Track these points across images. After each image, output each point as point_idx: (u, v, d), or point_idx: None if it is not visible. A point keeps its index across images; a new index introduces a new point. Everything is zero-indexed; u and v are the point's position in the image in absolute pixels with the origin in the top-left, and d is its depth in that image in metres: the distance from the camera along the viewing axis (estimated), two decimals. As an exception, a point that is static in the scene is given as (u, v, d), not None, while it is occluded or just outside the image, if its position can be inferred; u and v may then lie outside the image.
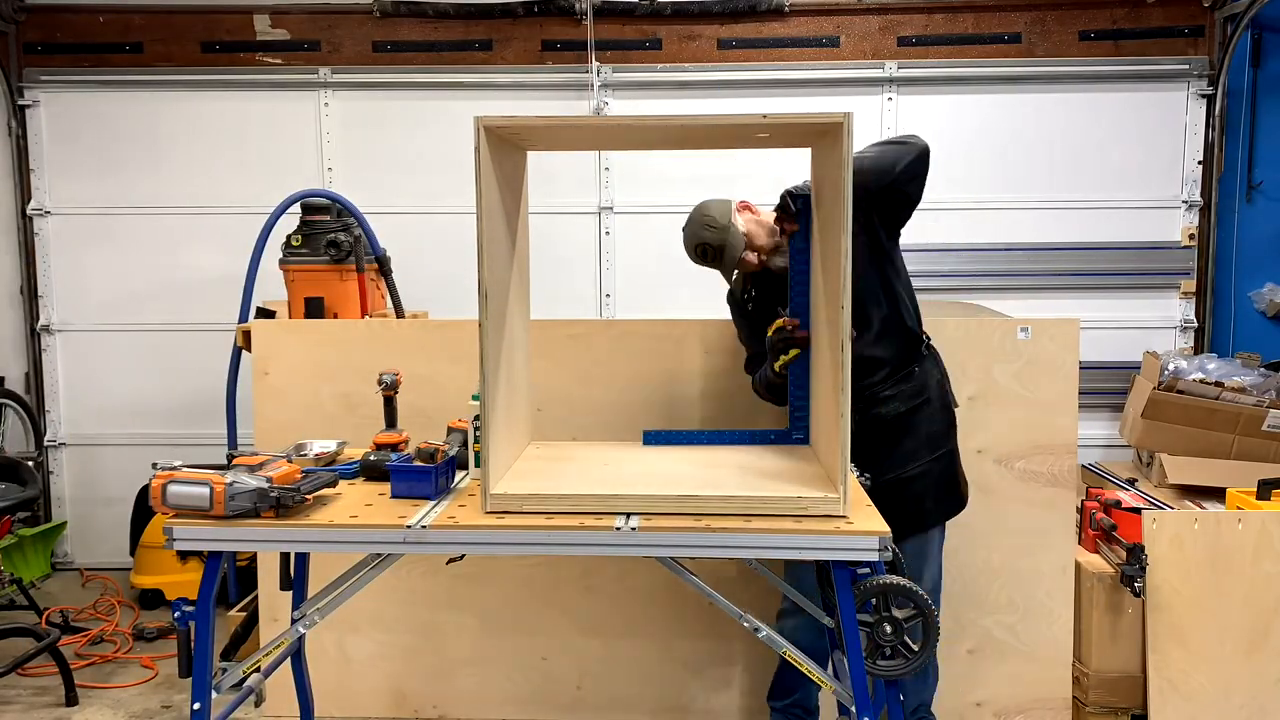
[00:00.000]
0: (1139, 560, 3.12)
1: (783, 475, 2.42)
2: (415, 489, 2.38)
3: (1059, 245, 4.89)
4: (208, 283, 4.99)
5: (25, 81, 5.01)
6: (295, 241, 3.83)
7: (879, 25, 4.89)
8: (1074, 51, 4.85)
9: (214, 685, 2.29)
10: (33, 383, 5.15)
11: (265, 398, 3.40)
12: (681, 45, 4.93)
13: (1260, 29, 4.75)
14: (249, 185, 4.95)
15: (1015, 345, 3.24)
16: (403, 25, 4.95)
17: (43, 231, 5.09)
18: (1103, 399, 4.82)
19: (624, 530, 2.14)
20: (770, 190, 5.02)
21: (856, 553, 2.11)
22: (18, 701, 3.62)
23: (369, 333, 3.45)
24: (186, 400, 5.06)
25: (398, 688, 3.46)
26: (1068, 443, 3.26)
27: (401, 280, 4.08)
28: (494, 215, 2.28)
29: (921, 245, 4.91)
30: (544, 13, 4.89)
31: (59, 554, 5.20)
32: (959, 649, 3.29)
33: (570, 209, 4.94)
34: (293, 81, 4.98)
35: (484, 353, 2.23)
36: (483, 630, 3.42)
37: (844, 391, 2.16)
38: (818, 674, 2.27)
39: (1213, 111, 4.81)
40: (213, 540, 2.22)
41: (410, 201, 4.95)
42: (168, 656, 3.95)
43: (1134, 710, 3.27)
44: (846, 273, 2.14)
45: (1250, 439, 3.92)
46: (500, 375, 2.36)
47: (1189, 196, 4.87)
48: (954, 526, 3.28)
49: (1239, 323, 4.87)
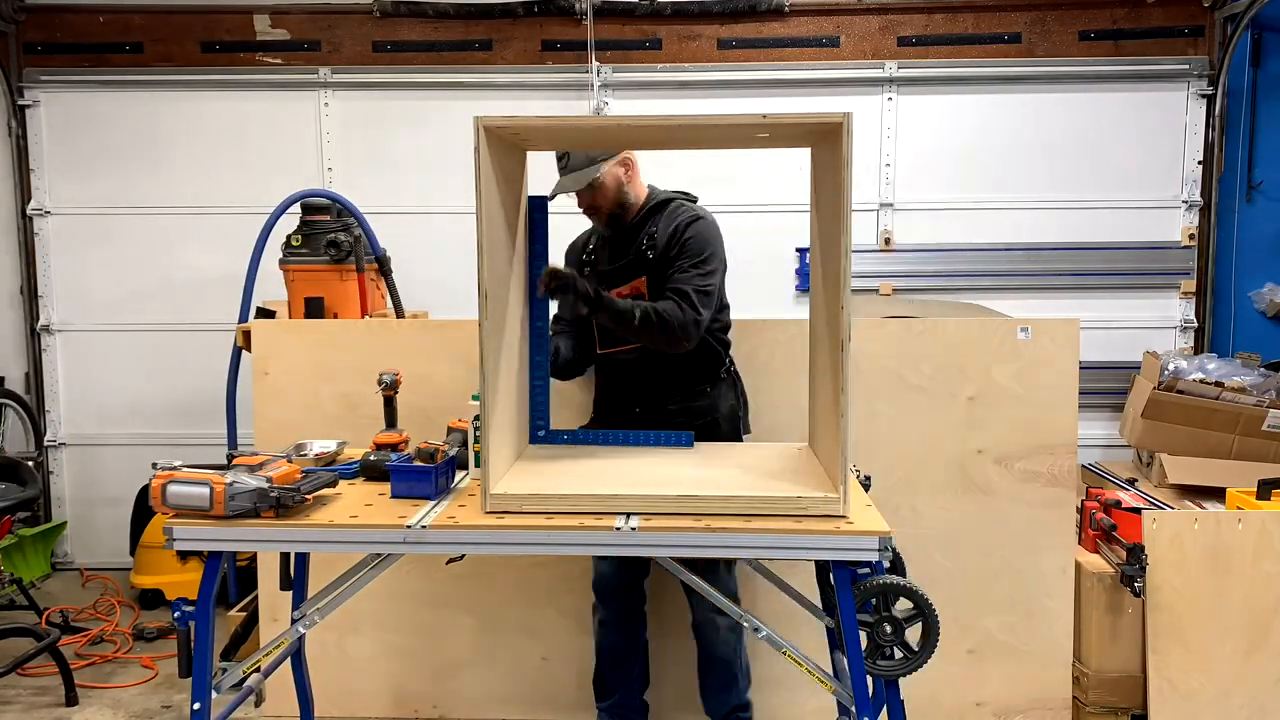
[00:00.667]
0: (1139, 560, 3.11)
1: (783, 475, 2.42)
2: (415, 489, 2.38)
3: (1059, 245, 4.89)
4: (208, 283, 4.99)
5: (25, 81, 5.01)
6: (295, 241, 3.83)
7: (879, 25, 4.89)
8: (1074, 51, 4.85)
9: (214, 685, 2.29)
10: (33, 383, 5.15)
11: (265, 398, 3.40)
12: (681, 45, 4.93)
13: (1260, 29, 4.75)
14: (249, 185, 4.95)
15: (1015, 345, 3.24)
16: (403, 25, 4.95)
17: (43, 231, 5.09)
18: (1103, 399, 4.82)
19: (624, 530, 2.14)
20: (771, 190, 5.06)
21: (856, 553, 2.11)
22: (18, 701, 3.62)
23: (369, 333, 3.45)
24: (186, 400, 5.06)
25: (398, 688, 3.46)
26: (1068, 443, 3.26)
27: (401, 280, 4.08)
28: (494, 215, 2.28)
29: (921, 245, 4.93)
30: (544, 13, 4.89)
31: (59, 554, 5.20)
32: (959, 649, 3.29)
33: (571, 209, 4.91)
34: (293, 81, 4.97)
35: (484, 353, 2.23)
36: (483, 630, 3.42)
37: (844, 392, 2.16)
38: (818, 674, 2.27)
39: (1213, 111, 4.81)
40: (213, 540, 2.22)
41: (410, 201, 4.95)
42: (168, 656, 3.95)
43: (1134, 710, 3.27)
44: (846, 272, 2.13)
45: (1250, 439, 3.92)
46: (500, 375, 2.36)
47: (1189, 196, 4.87)
48: (954, 526, 3.29)
49: (1239, 323, 4.87)
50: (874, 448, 3.22)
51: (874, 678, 2.20)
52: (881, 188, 4.92)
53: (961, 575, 3.29)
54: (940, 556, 3.29)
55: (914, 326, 3.28)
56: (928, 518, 3.29)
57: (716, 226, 2.90)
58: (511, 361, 2.51)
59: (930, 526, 3.28)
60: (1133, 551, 3.13)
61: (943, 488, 3.28)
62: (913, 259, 4.92)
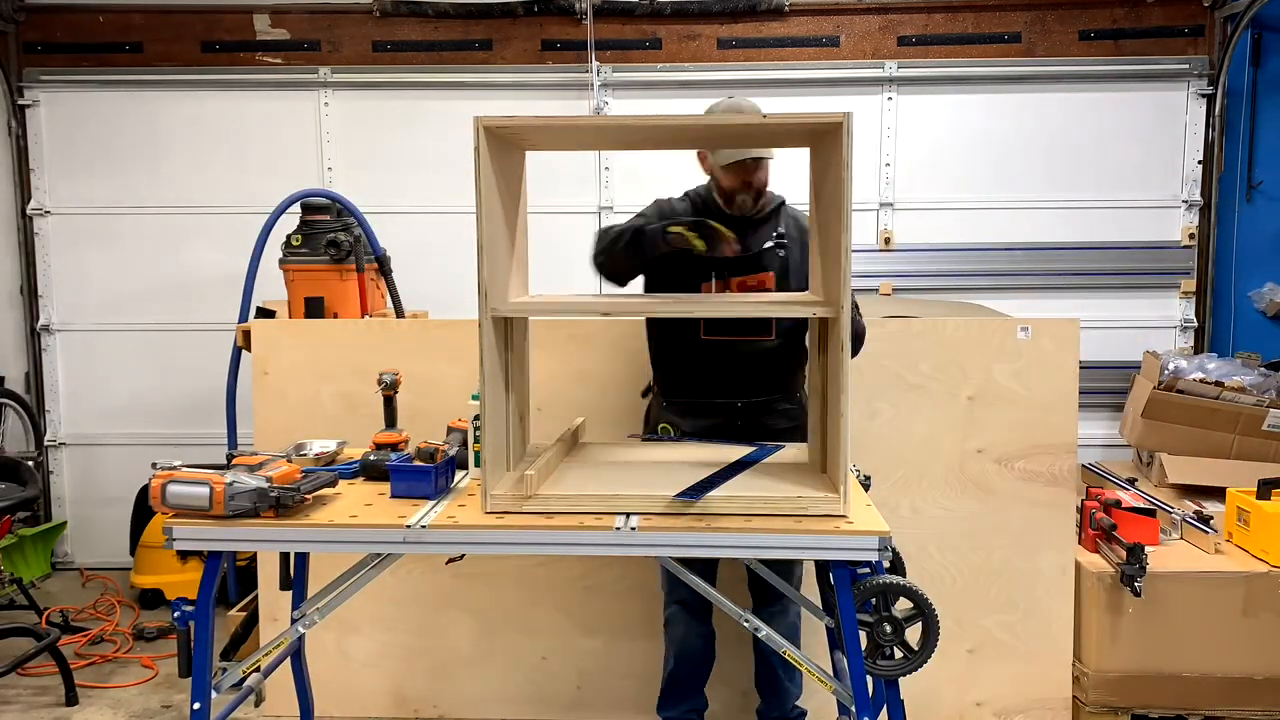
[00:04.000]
0: (1139, 560, 3.11)
1: (783, 475, 2.42)
2: (415, 489, 2.38)
3: (1059, 245, 4.89)
4: (208, 283, 4.99)
5: (25, 81, 5.01)
6: (295, 241, 3.83)
7: (879, 25, 4.89)
8: (1074, 51, 4.85)
9: (214, 685, 2.29)
10: (33, 383, 5.15)
11: (265, 398, 3.40)
12: (681, 45, 4.93)
13: (1260, 29, 4.75)
14: (249, 185, 4.95)
15: (1015, 345, 3.24)
16: (403, 25, 4.95)
17: (43, 231, 5.09)
18: (1103, 399, 4.82)
19: (624, 530, 2.14)
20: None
21: (856, 552, 2.11)
22: (18, 701, 3.62)
23: (369, 333, 3.45)
24: (186, 400, 5.06)
25: (398, 688, 3.46)
26: (1068, 442, 3.26)
27: (401, 280, 4.08)
28: (494, 215, 2.28)
29: (922, 245, 4.93)
30: (544, 12, 4.89)
31: (59, 554, 5.20)
32: (959, 649, 3.29)
33: (570, 209, 4.93)
34: (293, 81, 4.97)
35: (484, 353, 2.23)
36: (483, 630, 3.42)
37: (844, 392, 2.15)
38: (818, 674, 2.27)
39: (1213, 111, 4.81)
40: (212, 540, 2.22)
41: (410, 201, 4.95)
42: (168, 656, 3.95)
43: (1134, 710, 3.27)
44: (847, 272, 2.13)
45: (1250, 439, 3.92)
46: (500, 375, 2.36)
47: (1189, 196, 4.87)
48: (955, 526, 3.29)
49: (1239, 322, 4.87)
50: (874, 448, 3.22)
51: (874, 677, 2.20)
52: (881, 187, 4.92)
53: (961, 575, 3.29)
54: (940, 556, 3.29)
55: (913, 326, 3.28)
56: (927, 517, 3.28)
57: None
58: (512, 361, 2.51)
59: (930, 526, 3.28)
60: (1133, 551, 3.13)
61: (942, 487, 3.28)
62: (912, 259, 4.92)
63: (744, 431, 2.88)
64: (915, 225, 4.92)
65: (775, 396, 2.93)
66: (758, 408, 2.90)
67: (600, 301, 2.59)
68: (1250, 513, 3.33)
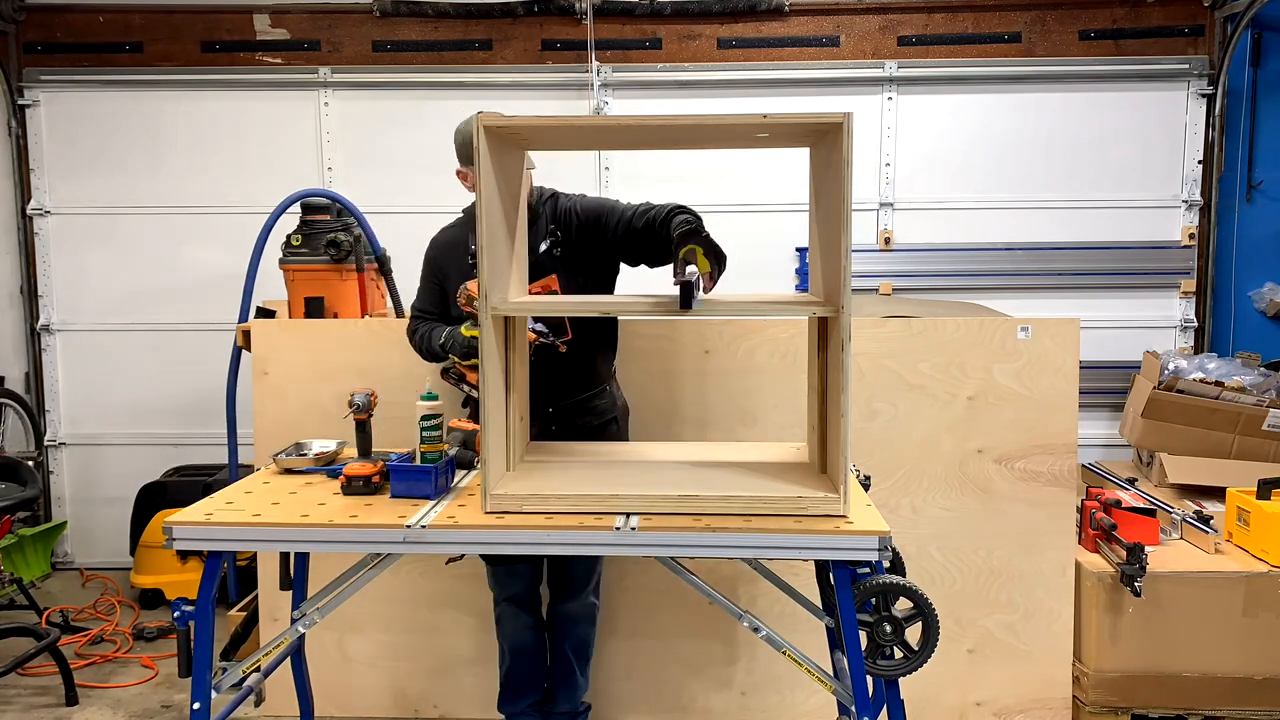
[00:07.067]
0: (1139, 560, 3.11)
1: (782, 475, 2.42)
2: (415, 489, 2.38)
3: (1059, 245, 4.89)
4: (208, 282, 4.99)
5: (25, 81, 5.01)
6: (295, 241, 3.83)
7: (879, 25, 4.89)
8: (1074, 51, 4.85)
9: (214, 685, 2.29)
10: (33, 383, 5.15)
11: (265, 397, 3.40)
12: (681, 45, 4.93)
13: (1260, 29, 4.75)
14: (249, 185, 4.95)
15: (1015, 345, 3.24)
16: (403, 25, 4.95)
17: (43, 231, 5.09)
18: (1103, 399, 4.83)
19: (624, 530, 2.14)
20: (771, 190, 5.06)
21: (856, 552, 2.11)
22: (18, 701, 3.62)
23: (369, 333, 3.45)
24: (186, 400, 5.06)
25: (398, 687, 3.46)
26: (1068, 442, 3.26)
27: (402, 280, 4.08)
28: (494, 215, 2.28)
29: (922, 245, 4.93)
30: (544, 12, 4.89)
31: (59, 554, 5.20)
32: (959, 649, 3.29)
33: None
34: (293, 81, 4.97)
35: (484, 352, 2.23)
36: (483, 630, 3.42)
37: (845, 392, 2.16)
38: (818, 674, 2.27)
39: (1213, 111, 4.81)
40: (212, 540, 2.22)
41: (410, 201, 4.94)
42: (168, 656, 3.95)
43: (1134, 710, 3.27)
44: (847, 272, 2.13)
45: (1250, 438, 3.92)
46: (500, 375, 2.36)
47: (1189, 196, 4.87)
48: (955, 526, 3.29)
49: (1239, 322, 4.88)
50: (874, 447, 3.23)
51: (874, 677, 2.20)
52: (881, 187, 4.92)
53: (961, 575, 3.29)
54: (940, 556, 3.29)
55: (914, 326, 3.28)
56: (927, 517, 3.29)
57: None
58: (511, 361, 2.51)
59: (930, 526, 3.28)
60: (1133, 551, 3.13)
61: (942, 487, 3.28)
62: (912, 258, 4.92)
63: (560, 434, 2.91)
64: (915, 225, 4.92)
65: (587, 394, 2.94)
66: (569, 411, 2.92)
67: (600, 302, 2.60)
68: (1250, 513, 3.33)
